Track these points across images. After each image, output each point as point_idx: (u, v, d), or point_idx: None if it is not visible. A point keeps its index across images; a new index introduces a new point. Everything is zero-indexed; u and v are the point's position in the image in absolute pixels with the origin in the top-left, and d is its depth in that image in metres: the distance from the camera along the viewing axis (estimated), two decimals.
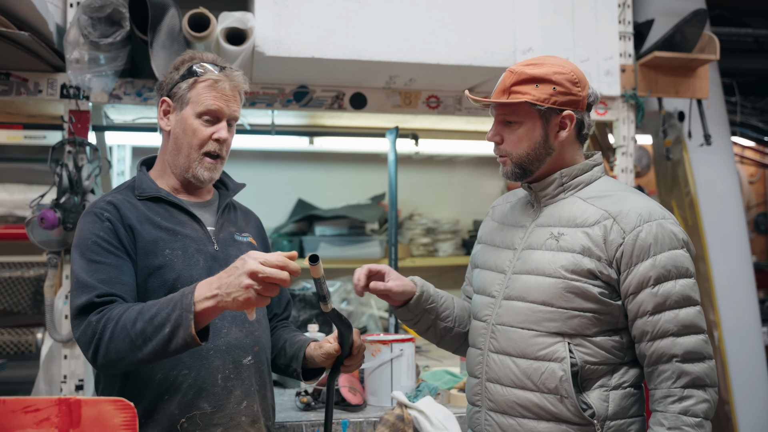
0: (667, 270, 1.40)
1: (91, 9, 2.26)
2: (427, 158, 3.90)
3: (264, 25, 2.30)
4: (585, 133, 1.55)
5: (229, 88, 1.66)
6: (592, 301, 1.43)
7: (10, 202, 3.21)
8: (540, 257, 1.48)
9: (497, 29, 2.47)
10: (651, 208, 1.46)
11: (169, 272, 1.56)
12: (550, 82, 1.48)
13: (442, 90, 2.80)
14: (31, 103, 2.59)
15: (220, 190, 1.80)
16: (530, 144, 1.50)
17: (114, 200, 1.61)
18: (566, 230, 1.47)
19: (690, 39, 2.90)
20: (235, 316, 1.61)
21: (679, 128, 3.44)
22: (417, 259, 3.70)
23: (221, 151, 1.67)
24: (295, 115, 3.06)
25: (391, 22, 2.39)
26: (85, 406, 1.13)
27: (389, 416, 1.99)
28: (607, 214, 1.45)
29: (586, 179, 1.54)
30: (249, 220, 1.84)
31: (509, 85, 1.50)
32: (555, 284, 1.44)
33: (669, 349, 1.40)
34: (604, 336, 1.45)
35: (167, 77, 1.69)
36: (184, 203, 1.66)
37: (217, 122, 1.65)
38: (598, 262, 1.43)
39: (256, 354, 1.65)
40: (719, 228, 3.48)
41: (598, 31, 2.82)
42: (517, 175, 1.54)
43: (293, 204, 3.78)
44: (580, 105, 1.51)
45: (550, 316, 1.44)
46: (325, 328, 2.72)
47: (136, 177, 1.70)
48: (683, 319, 1.40)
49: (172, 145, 1.67)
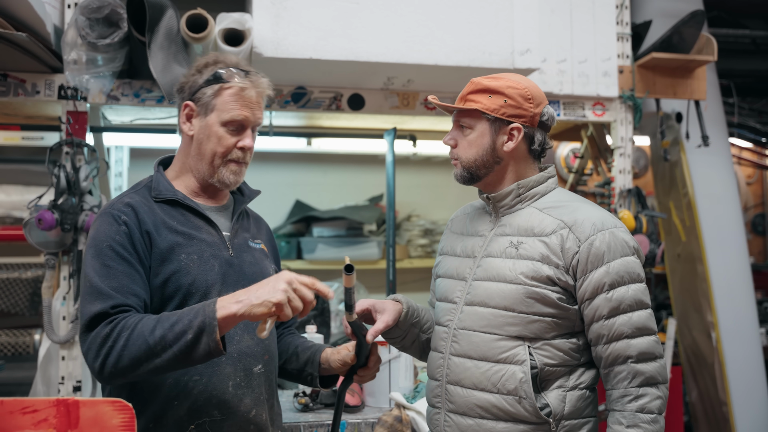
0: (620, 276, 1.48)
1: (89, 10, 2.26)
2: (424, 159, 3.91)
3: (262, 26, 2.30)
4: (535, 149, 1.61)
5: (255, 95, 1.64)
6: (551, 306, 1.50)
7: (7, 203, 3.20)
8: (500, 264, 1.54)
9: (495, 30, 2.47)
10: (603, 217, 1.53)
11: (184, 277, 1.55)
12: (502, 95, 1.57)
13: (440, 91, 2.80)
14: (29, 104, 2.59)
15: (235, 195, 1.78)
16: (478, 150, 1.59)
17: (132, 202, 1.58)
18: (525, 239, 1.54)
19: (688, 40, 2.91)
20: (248, 324, 1.60)
21: (676, 129, 3.44)
22: (415, 260, 3.70)
23: (245, 158, 1.67)
24: (293, 116, 3.07)
25: (389, 23, 2.39)
26: (84, 407, 1.13)
27: (387, 417, 1.99)
28: (563, 224, 1.52)
29: (542, 190, 1.61)
30: (261, 228, 1.83)
31: (466, 94, 1.61)
32: (516, 290, 1.50)
33: (624, 350, 1.47)
34: (562, 339, 1.52)
35: (189, 79, 1.65)
36: (201, 207, 1.64)
37: (242, 130, 1.64)
38: (556, 269, 1.50)
39: (267, 362, 1.64)
40: (717, 229, 3.48)
41: (596, 32, 2.82)
42: (465, 178, 1.62)
43: (291, 205, 3.78)
44: (530, 120, 1.58)
45: (511, 321, 1.50)
46: (323, 329, 2.72)
47: (153, 177, 1.68)
48: (636, 322, 1.48)
49: (196, 150, 1.64)
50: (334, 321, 3.16)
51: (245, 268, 1.65)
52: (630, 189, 2.88)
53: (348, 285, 1.48)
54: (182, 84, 1.67)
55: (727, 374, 3.35)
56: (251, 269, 1.66)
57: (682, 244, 3.58)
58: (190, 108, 1.64)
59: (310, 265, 3.55)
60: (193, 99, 1.63)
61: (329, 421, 2.04)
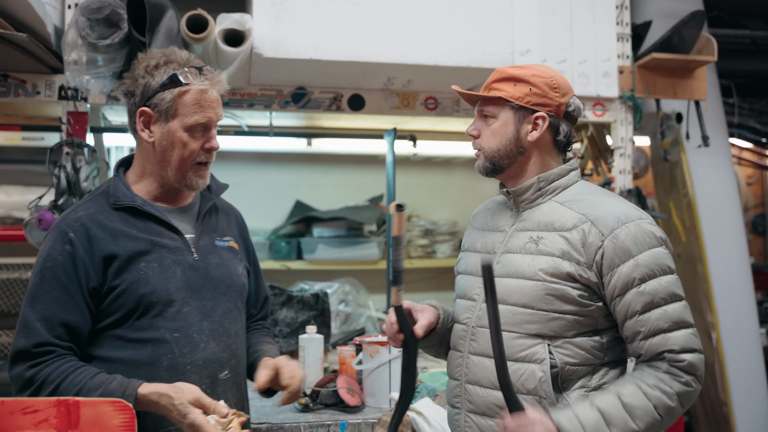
0: (650, 269, 1.42)
1: (90, 10, 2.26)
2: (425, 160, 3.91)
3: (262, 26, 2.30)
4: (560, 140, 1.58)
5: (215, 95, 1.60)
6: (571, 303, 1.45)
7: (8, 203, 3.20)
8: (519, 261, 1.50)
9: (495, 31, 2.47)
10: (627, 210, 1.48)
11: (143, 286, 1.52)
12: (527, 83, 1.53)
13: (440, 91, 2.80)
14: (29, 105, 2.59)
15: (202, 191, 1.72)
16: (502, 139, 1.55)
17: (85, 216, 1.54)
18: (545, 234, 1.50)
19: (688, 40, 2.91)
20: (213, 330, 1.58)
21: (677, 130, 3.44)
22: (415, 261, 3.70)
23: (211, 159, 1.64)
24: (293, 117, 3.06)
25: (389, 23, 2.39)
26: (84, 407, 1.13)
27: (387, 417, 1.99)
28: (584, 218, 1.47)
29: (563, 183, 1.56)
30: (230, 221, 1.78)
31: (490, 82, 1.58)
32: (535, 287, 1.46)
33: (662, 345, 1.41)
34: (584, 337, 1.46)
35: (139, 82, 1.57)
36: (162, 212, 1.60)
37: (206, 132, 1.60)
38: (577, 265, 1.45)
39: (234, 367, 1.63)
40: (717, 229, 3.48)
41: (596, 32, 2.82)
42: (487, 169, 1.58)
43: (291, 205, 3.78)
44: (555, 110, 1.55)
45: (530, 319, 1.46)
46: (323, 329, 2.72)
47: (111, 183, 1.62)
48: (672, 315, 1.42)
49: (159, 157, 1.59)
50: (334, 321, 3.16)
51: (211, 270, 1.62)
52: (630, 189, 2.88)
53: (398, 232, 1.35)
54: (130, 87, 1.59)
55: (727, 374, 3.35)
56: (218, 271, 1.63)
57: (682, 244, 3.58)
58: (147, 114, 1.57)
59: (311, 266, 3.55)
60: (148, 104, 1.56)
61: (329, 422, 2.04)
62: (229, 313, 1.64)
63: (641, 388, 1.40)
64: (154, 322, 1.53)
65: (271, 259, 3.55)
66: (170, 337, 1.53)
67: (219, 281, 1.62)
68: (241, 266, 1.72)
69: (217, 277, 1.62)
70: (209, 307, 1.60)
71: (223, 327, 1.61)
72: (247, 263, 1.77)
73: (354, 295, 3.41)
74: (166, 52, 1.61)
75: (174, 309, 1.54)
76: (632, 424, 1.38)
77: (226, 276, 1.64)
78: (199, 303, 1.58)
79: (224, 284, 1.63)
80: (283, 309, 2.72)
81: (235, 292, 1.67)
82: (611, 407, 1.39)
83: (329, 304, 2.86)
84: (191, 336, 1.55)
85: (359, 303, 3.39)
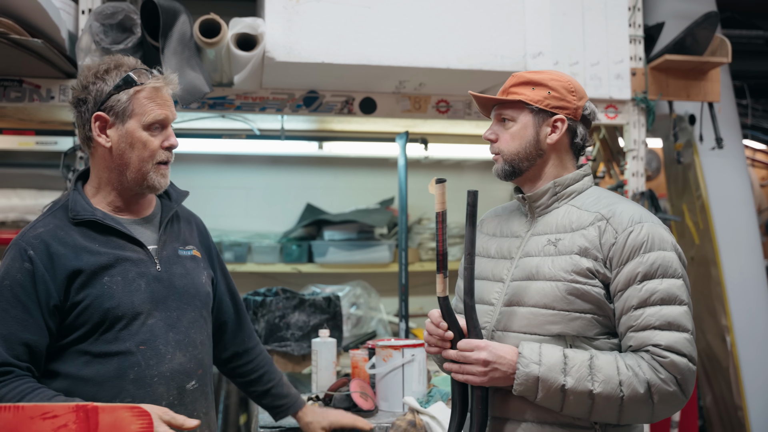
0: (654, 268, 1.42)
1: (103, 16, 2.28)
2: (436, 162, 3.90)
3: (274, 30, 2.31)
4: (578, 143, 1.60)
5: (168, 93, 1.60)
6: (591, 302, 1.45)
7: (22, 207, 3.22)
8: (539, 263, 1.51)
9: (507, 33, 2.46)
10: (642, 212, 1.50)
11: (107, 301, 1.51)
12: (546, 87, 1.56)
13: (451, 94, 2.79)
14: (44, 110, 2.61)
15: (162, 200, 1.70)
16: (521, 142, 1.56)
17: (44, 232, 1.52)
18: (563, 235, 1.51)
19: (701, 42, 2.89)
20: (179, 341, 1.58)
21: (690, 132, 3.42)
22: (426, 264, 3.69)
23: (171, 158, 1.62)
24: (304, 120, 3.07)
25: (401, 26, 2.39)
26: (103, 413, 1.13)
27: (401, 422, 1.99)
28: (600, 216, 1.49)
29: (578, 188, 1.58)
30: (192, 229, 1.75)
31: (508, 87, 1.60)
32: (556, 287, 1.47)
33: (649, 339, 1.40)
34: (604, 339, 1.47)
35: (90, 89, 1.55)
36: (123, 224, 1.58)
37: (164, 129, 1.59)
38: (595, 261, 1.46)
39: (200, 377, 1.62)
40: (731, 232, 3.45)
41: (609, 34, 2.81)
42: (506, 173, 1.59)
43: (302, 208, 3.78)
44: (573, 113, 1.57)
45: (552, 319, 1.46)
46: (335, 333, 2.72)
47: (70, 197, 1.59)
48: (666, 315, 1.40)
49: (117, 161, 1.56)
50: (345, 324, 3.16)
51: (175, 281, 1.61)
52: (643, 192, 2.87)
53: (441, 208, 1.34)
54: (80, 95, 1.57)
55: (742, 378, 3.33)
56: (181, 282, 1.62)
57: (695, 247, 3.55)
58: (103, 119, 1.55)
59: (321, 269, 3.56)
60: (103, 109, 1.55)
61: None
62: (194, 323, 1.63)
63: (617, 362, 1.40)
64: (120, 336, 1.52)
65: (282, 262, 3.56)
66: (136, 350, 1.52)
67: (183, 291, 1.62)
68: (205, 275, 1.70)
69: (182, 288, 1.62)
70: (174, 317, 1.59)
71: (189, 337, 1.60)
72: (210, 270, 1.76)
73: (365, 298, 3.40)
74: (114, 57, 1.61)
75: (139, 321, 1.54)
76: (588, 384, 1.38)
77: (190, 286, 1.63)
78: (165, 314, 1.58)
79: (189, 294, 1.63)
80: (295, 312, 2.72)
81: (199, 302, 1.66)
82: (577, 360, 1.40)
83: (341, 307, 2.86)
84: (157, 348, 1.54)
85: (370, 306, 3.39)
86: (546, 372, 1.39)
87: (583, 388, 1.38)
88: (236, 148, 3.51)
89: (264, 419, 2.04)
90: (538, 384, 1.40)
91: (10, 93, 2.42)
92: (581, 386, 1.38)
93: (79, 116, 1.58)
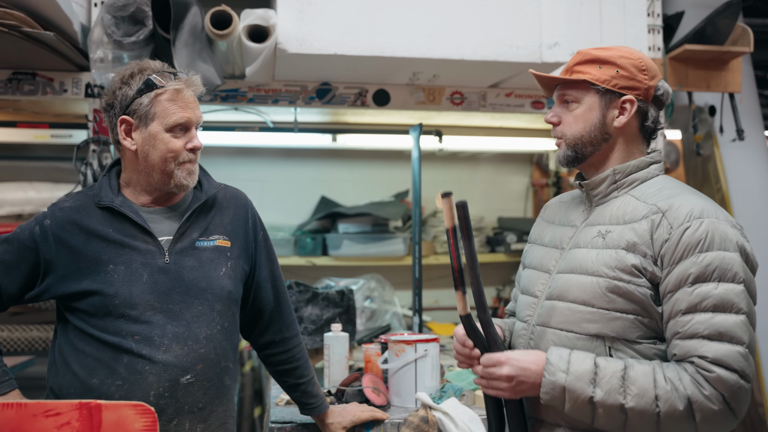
0: (710, 270, 1.28)
1: (115, 8, 2.27)
2: (450, 155, 3.87)
3: (286, 22, 2.29)
4: (648, 126, 1.47)
5: (191, 95, 1.62)
6: (634, 302, 1.33)
7: (37, 200, 3.25)
8: (584, 255, 1.41)
9: (523, 24, 2.42)
10: (705, 206, 1.35)
11: (107, 288, 1.55)
12: (614, 65, 1.43)
13: (466, 86, 2.76)
14: (57, 103, 2.62)
15: (195, 190, 1.73)
16: (586, 125, 1.45)
17: (69, 209, 1.61)
18: (613, 227, 1.40)
19: (722, 31, 2.83)
20: (178, 334, 1.58)
21: (709, 123, 3.36)
22: (441, 257, 3.67)
23: (196, 158, 1.65)
24: (317, 113, 3.05)
25: (414, 17, 2.36)
26: (106, 411, 1.13)
27: (413, 418, 1.97)
28: (656, 209, 1.36)
29: (641, 177, 1.45)
30: (226, 216, 1.73)
31: (573, 65, 1.47)
32: (596, 283, 1.36)
33: (694, 349, 1.26)
34: (648, 343, 1.35)
35: (117, 94, 1.61)
36: (139, 213, 1.61)
37: (187, 132, 1.61)
38: (643, 258, 1.33)
39: (200, 372, 1.60)
40: (752, 224, 3.39)
41: (626, 24, 2.76)
42: (569, 158, 1.48)
43: (316, 201, 3.77)
44: (644, 94, 1.45)
45: (590, 317, 1.37)
46: (348, 327, 2.71)
47: (100, 181, 1.67)
48: (718, 324, 1.26)
49: (143, 163, 1.61)
50: (359, 318, 3.15)
51: (184, 274, 1.61)
52: None
53: (450, 223, 1.25)
54: (109, 100, 1.63)
55: (762, 375, 3.27)
56: (191, 275, 1.61)
57: None
58: (128, 122, 1.60)
59: (336, 262, 3.55)
60: (127, 112, 1.59)
61: None
62: (200, 317, 1.61)
63: (655, 373, 1.27)
64: (116, 324, 1.55)
65: (296, 255, 3.55)
66: (131, 340, 1.55)
67: (192, 284, 1.61)
68: (227, 267, 1.68)
69: (190, 281, 1.61)
70: (177, 311, 1.59)
71: (190, 331, 1.59)
72: (242, 260, 1.72)
73: (379, 292, 3.39)
74: (140, 62, 1.65)
75: (136, 312, 1.56)
76: (620, 397, 1.27)
77: (201, 279, 1.62)
78: (166, 307, 1.58)
79: (198, 287, 1.62)
80: (308, 306, 2.71)
81: (211, 295, 1.64)
82: (610, 370, 1.29)
83: (354, 301, 2.84)
84: (152, 339, 1.55)
85: (385, 299, 3.37)
86: (573, 381, 1.29)
87: (614, 401, 1.27)
88: (250, 140, 3.50)
89: (275, 414, 2.03)
90: (564, 394, 1.30)
91: (24, 86, 2.43)
92: (611, 399, 1.27)
93: (109, 121, 1.64)
